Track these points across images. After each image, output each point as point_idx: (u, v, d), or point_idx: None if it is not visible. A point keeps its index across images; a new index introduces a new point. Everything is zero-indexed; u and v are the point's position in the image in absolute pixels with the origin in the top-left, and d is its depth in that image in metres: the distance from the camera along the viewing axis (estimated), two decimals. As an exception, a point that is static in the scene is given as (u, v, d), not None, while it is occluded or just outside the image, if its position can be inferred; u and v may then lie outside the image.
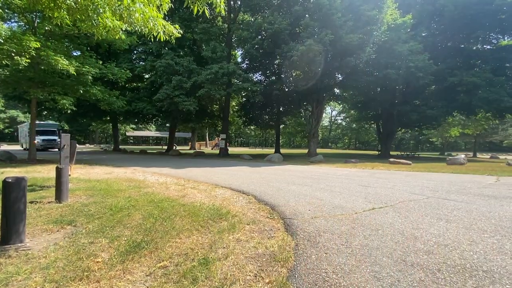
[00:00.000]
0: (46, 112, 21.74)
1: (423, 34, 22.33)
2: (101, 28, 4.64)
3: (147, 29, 4.49)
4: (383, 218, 3.35)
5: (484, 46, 22.88)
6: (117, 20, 4.49)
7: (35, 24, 11.26)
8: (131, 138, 62.66)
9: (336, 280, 1.89)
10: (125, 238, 2.68)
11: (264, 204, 4.19)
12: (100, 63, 13.00)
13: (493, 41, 22.46)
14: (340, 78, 20.71)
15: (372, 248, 2.43)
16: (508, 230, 2.87)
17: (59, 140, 21.46)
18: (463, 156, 15.48)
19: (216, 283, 1.86)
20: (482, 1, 19.37)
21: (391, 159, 14.79)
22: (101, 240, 2.64)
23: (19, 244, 2.48)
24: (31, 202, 4.03)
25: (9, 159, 11.67)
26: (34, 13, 11.03)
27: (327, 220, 3.27)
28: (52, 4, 4.30)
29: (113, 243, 2.57)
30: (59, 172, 4.15)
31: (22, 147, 28.14)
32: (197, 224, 3.12)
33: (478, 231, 2.86)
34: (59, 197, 4.13)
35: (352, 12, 15.99)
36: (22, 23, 12.36)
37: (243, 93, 20.71)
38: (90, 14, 4.25)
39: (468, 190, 5.44)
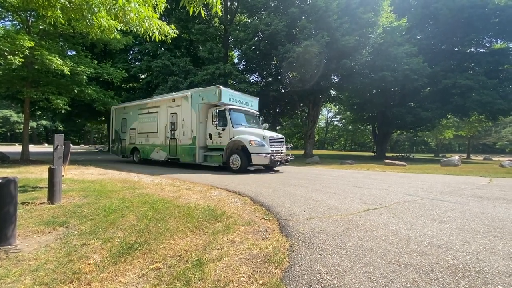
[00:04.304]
0: (40, 112, 21.35)
1: (418, 37, 22.63)
2: (96, 27, 4.61)
3: (142, 29, 4.47)
4: (377, 219, 3.36)
5: (478, 49, 23.26)
6: (112, 19, 4.47)
7: (29, 23, 11.14)
8: (127, 138, 62.05)
9: (330, 281, 1.88)
10: (118, 240, 2.64)
11: (260, 205, 4.18)
12: (96, 63, 12.90)
13: (486, 44, 22.85)
14: (336, 80, 20.86)
15: (366, 249, 2.43)
16: (500, 231, 2.90)
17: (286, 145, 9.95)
18: (457, 157, 15.68)
19: (210, 285, 1.84)
20: (475, 5, 19.68)
21: (386, 161, 14.90)
22: (93, 241, 2.60)
23: (9, 246, 2.44)
24: (23, 203, 3.96)
25: (1, 160, 11.48)
26: (28, 12, 10.91)
27: (322, 221, 3.27)
28: (46, 3, 4.26)
29: (106, 244, 2.53)
30: (51, 172, 4.09)
31: (118, 151, 14.51)
32: (192, 225, 3.09)
33: (471, 231, 2.88)
34: (51, 198, 4.06)
35: (348, 15, 16.15)
36: (16, 22, 12.20)
37: (240, 94, 20.69)
38: (85, 14, 4.22)
39: (462, 191, 5.49)
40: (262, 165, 9.48)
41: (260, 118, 11.55)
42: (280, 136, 10.11)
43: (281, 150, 9.75)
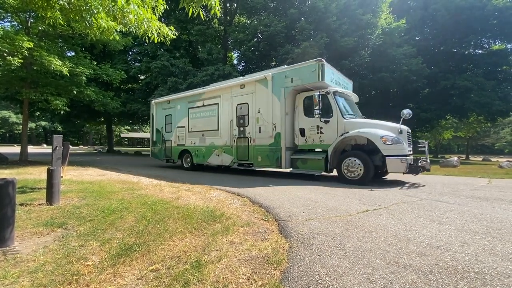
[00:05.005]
0: (39, 112, 21.28)
1: (417, 38, 22.73)
2: (95, 28, 4.61)
3: (141, 30, 4.48)
4: (376, 220, 3.36)
5: (476, 50, 23.36)
6: (111, 21, 4.47)
7: (29, 24, 11.14)
8: (126, 139, 62.15)
9: (329, 283, 1.88)
10: (117, 241, 2.64)
11: (259, 206, 4.17)
12: (95, 63, 12.89)
13: (484, 45, 22.95)
14: (336, 81, 20.88)
15: (365, 250, 2.43)
16: (499, 232, 2.90)
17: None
18: (456, 158, 15.69)
19: (209, 286, 1.84)
20: (474, 6, 19.79)
21: (386, 162, 14.88)
22: (92, 243, 2.59)
23: (7, 248, 2.43)
24: (21, 204, 3.95)
25: (-1, 161, 11.44)
26: (28, 13, 10.92)
27: (321, 222, 3.27)
28: (45, 4, 4.26)
29: (105, 246, 2.53)
30: (50, 173, 4.08)
31: (161, 155, 11.56)
32: (191, 227, 3.08)
33: (470, 232, 2.88)
34: (50, 199, 4.05)
35: (347, 16, 16.22)
36: (15, 23, 12.21)
37: (239, 95, 20.73)
38: (84, 15, 4.22)
39: (461, 192, 5.49)
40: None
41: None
42: (409, 130, 7.07)
43: (411, 150, 6.76)
